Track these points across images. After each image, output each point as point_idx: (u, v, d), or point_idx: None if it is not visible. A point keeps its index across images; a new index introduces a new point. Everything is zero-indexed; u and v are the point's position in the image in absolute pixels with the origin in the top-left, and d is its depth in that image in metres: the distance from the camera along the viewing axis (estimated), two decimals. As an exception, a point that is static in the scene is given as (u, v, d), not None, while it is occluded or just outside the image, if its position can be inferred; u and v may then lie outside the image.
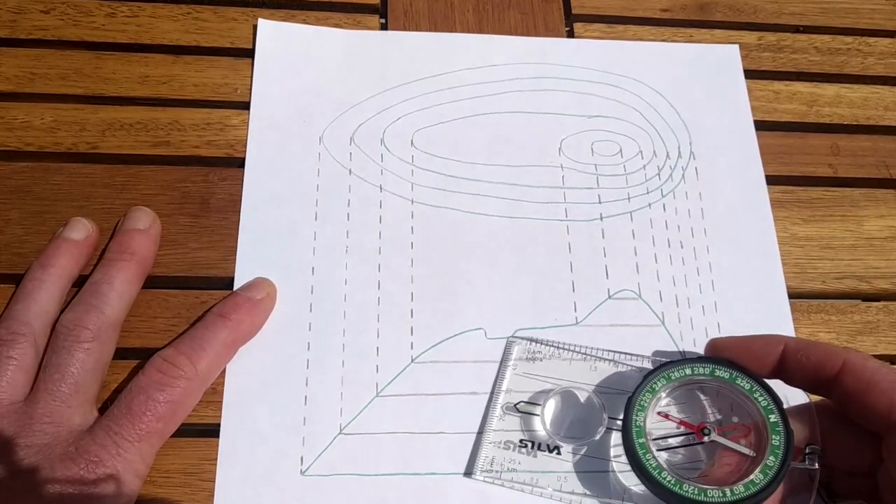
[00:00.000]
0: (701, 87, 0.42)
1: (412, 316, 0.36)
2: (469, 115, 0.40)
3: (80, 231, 0.34)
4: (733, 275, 0.38)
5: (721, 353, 0.32)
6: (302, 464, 0.33)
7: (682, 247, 0.38)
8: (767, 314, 0.37)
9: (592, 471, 0.33)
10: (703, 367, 0.32)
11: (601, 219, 0.39)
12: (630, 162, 0.40)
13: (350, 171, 0.39)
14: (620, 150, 0.40)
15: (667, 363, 0.32)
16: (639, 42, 0.44)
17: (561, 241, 0.38)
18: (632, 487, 0.32)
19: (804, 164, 0.42)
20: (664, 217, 0.39)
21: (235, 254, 0.36)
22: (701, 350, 0.35)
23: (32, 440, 0.29)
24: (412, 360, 0.35)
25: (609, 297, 0.37)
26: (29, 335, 0.31)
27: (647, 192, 0.39)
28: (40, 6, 0.41)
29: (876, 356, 0.37)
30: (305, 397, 0.34)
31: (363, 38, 0.42)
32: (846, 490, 0.31)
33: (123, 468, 0.29)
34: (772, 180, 0.40)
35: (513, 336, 0.35)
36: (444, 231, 0.38)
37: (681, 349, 0.36)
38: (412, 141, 0.40)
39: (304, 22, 0.42)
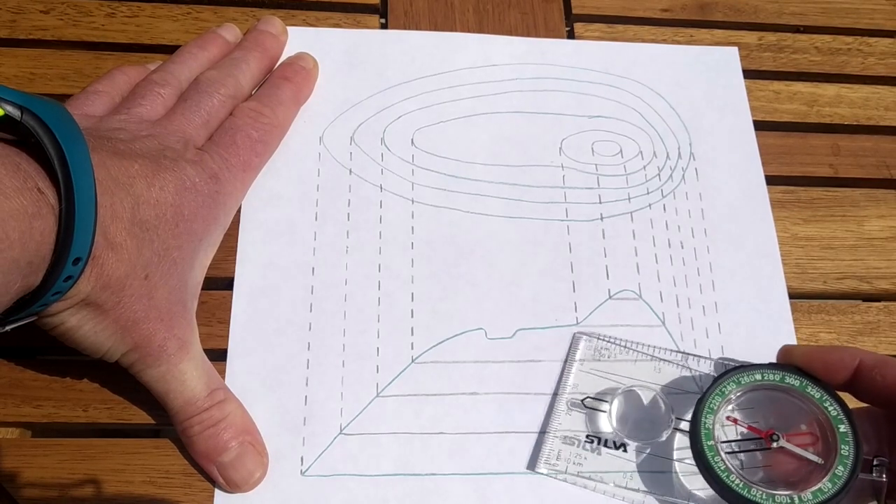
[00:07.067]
0: (700, 89, 0.42)
1: (412, 316, 0.36)
2: (469, 114, 0.40)
3: (232, 34, 0.40)
4: (734, 275, 0.38)
5: (793, 361, 0.32)
6: (302, 464, 0.33)
7: (682, 247, 0.38)
8: (768, 314, 0.37)
9: (656, 471, 0.33)
10: (774, 374, 0.32)
11: (602, 219, 0.39)
12: (630, 162, 0.40)
13: (350, 171, 0.39)
14: (621, 151, 0.40)
15: (737, 367, 0.32)
16: (639, 44, 0.44)
17: (561, 241, 0.38)
18: (696, 492, 0.32)
19: (805, 165, 0.42)
20: (664, 217, 0.39)
21: (235, 254, 0.36)
22: (701, 350, 0.35)
23: (167, 143, 0.33)
24: (412, 361, 0.35)
25: (610, 297, 0.37)
26: (177, 86, 0.36)
27: (648, 193, 0.39)
28: (40, 6, 0.41)
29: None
30: (305, 397, 0.34)
31: (363, 38, 0.42)
32: None
33: (233, 188, 0.35)
34: (772, 180, 0.40)
35: (580, 332, 0.36)
36: (444, 231, 0.38)
37: (681, 350, 0.36)
38: (412, 140, 0.40)
39: (304, 22, 0.42)
